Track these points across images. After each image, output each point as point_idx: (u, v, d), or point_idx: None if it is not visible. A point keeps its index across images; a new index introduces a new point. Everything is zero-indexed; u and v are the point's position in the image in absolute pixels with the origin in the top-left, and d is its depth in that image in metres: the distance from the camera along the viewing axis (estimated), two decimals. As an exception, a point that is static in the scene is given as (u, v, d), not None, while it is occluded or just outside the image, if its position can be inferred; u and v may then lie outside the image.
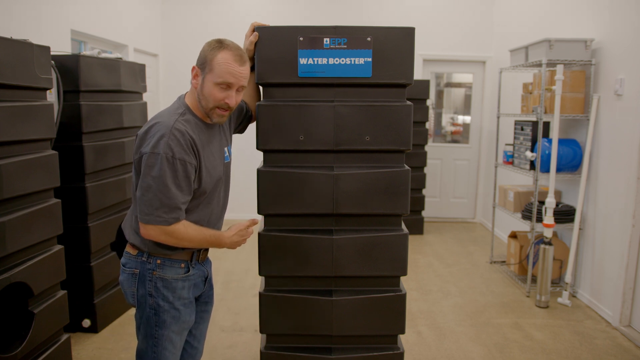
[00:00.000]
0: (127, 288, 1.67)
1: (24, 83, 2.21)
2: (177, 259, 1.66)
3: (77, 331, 3.02)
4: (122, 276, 1.68)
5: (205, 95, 1.58)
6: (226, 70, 1.55)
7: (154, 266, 1.62)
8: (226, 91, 1.58)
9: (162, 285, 1.63)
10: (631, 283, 3.19)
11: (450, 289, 3.89)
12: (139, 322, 1.68)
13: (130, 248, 1.67)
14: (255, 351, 2.81)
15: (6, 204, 2.12)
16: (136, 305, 1.67)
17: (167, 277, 1.63)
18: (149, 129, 1.55)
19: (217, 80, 1.56)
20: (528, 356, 2.85)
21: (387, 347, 2.04)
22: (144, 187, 1.51)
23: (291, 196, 1.91)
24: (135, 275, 1.64)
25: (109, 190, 3.11)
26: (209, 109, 1.60)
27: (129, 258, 1.67)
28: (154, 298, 1.63)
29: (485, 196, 5.99)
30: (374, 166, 1.92)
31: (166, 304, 1.64)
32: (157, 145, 1.50)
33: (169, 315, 1.64)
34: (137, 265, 1.64)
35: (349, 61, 1.83)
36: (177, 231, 1.54)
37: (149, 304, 1.64)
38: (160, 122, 1.55)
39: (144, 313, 1.65)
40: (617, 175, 3.31)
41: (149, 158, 1.50)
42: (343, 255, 1.93)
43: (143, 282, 1.63)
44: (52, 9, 3.63)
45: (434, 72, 6.13)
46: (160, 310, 1.63)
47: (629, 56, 3.21)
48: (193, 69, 1.62)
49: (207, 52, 1.58)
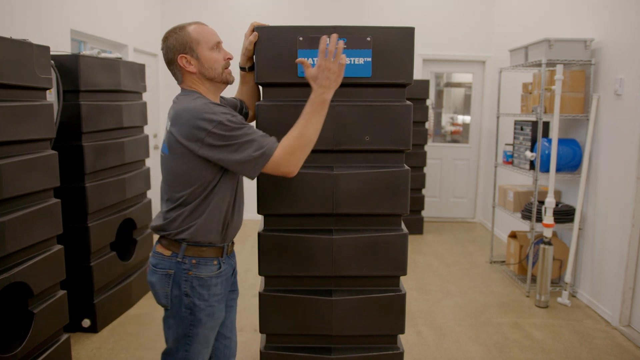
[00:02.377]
0: (159, 289, 1.65)
1: (23, 83, 2.21)
2: (210, 257, 1.65)
3: (77, 331, 3.02)
4: (153, 277, 1.66)
5: (210, 65, 1.62)
6: (208, 33, 1.63)
7: (189, 266, 1.62)
8: (220, 50, 1.66)
9: (198, 284, 1.62)
10: (631, 283, 3.19)
11: (450, 289, 3.89)
12: (170, 322, 1.67)
13: (162, 249, 1.65)
14: (255, 351, 2.81)
15: (6, 203, 2.12)
16: (169, 306, 1.65)
17: (203, 275, 1.63)
18: (188, 128, 1.52)
19: (209, 45, 1.62)
20: (528, 356, 2.85)
21: (386, 347, 2.04)
22: (232, 154, 1.50)
23: (291, 196, 1.91)
24: (170, 275, 1.62)
25: (108, 190, 3.11)
26: (220, 74, 1.64)
27: (161, 259, 1.64)
28: (190, 298, 1.62)
29: (485, 196, 5.99)
30: (374, 166, 1.92)
31: (202, 302, 1.63)
32: (210, 122, 1.49)
33: (205, 313, 1.65)
34: (171, 265, 1.62)
35: (348, 61, 1.83)
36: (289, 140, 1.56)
37: (185, 304, 1.63)
38: (191, 112, 1.53)
39: (178, 313, 1.64)
40: (617, 175, 3.31)
41: (211, 137, 1.49)
42: (343, 255, 1.93)
43: (178, 283, 1.62)
44: (52, 9, 3.63)
45: (433, 72, 6.13)
46: (196, 310, 1.63)
47: (629, 56, 3.21)
48: (181, 59, 1.62)
49: (180, 38, 1.61)
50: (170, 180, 1.61)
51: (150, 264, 1.68)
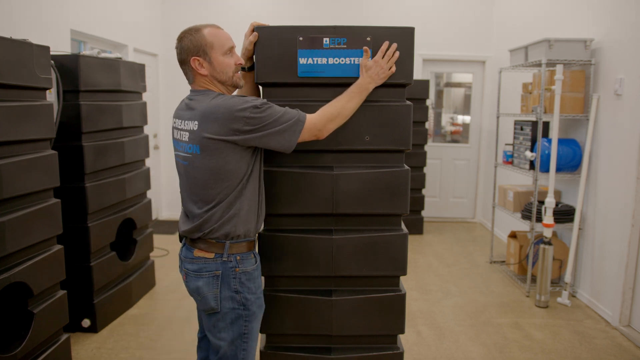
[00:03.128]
0: (207, 292, 1.64)
1: (23, 83, 2.21)
2: (248, 251, 1.70)
3: (77, 331, 3.02)
4: (199, 282, 1.65)
5: (222, 69, 1.65)
6: (223, 37, 1.65)
7: (235, 263, 1.65)
8: (232, 55, 1.68)
9: (245, 279, 1.67)
10: (631, 283, 3.19)
11: (450, 289, 3.89)
12: (222, 324, 1.66)
13: (204, 252, 1.65)
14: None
15: (6, 203, 2.11)
16: (219, 308, 1.65)
17: (249, 269, 1.68)
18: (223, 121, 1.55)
19: (223, 49, 1.64)
20: (528, 356, 2.85)
21: (386, 347, 2.03)
22: (269, 129, 1.58)
23: (291, 196, 1.91)
24: (218, 277, 1.64)
25: (108, 190, 3.11)
26: (230, 78, 1.68)
27: (204, 262, 1.64)
28: (241, 294, 1.66)
29: (485, 196, 5.99)
30: (374, 166, 1.92)
31: (252, 295, 1.68)
32: (243, 110, 1.54)
33: (256, 305, 1.70)
34: (217, 267, 1.64)
35: (348, 61, 1.83)
36: (332, 105, 1.70)
37: (237, 301, 1.66)
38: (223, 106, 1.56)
39: (231, 313, 1.65)
40: (617, 175, 3.31)
41: (248, 120, 1.55)
42: (343, 255, 1.93)
43: (227, 282, 1.64)
44: (52, 9, 3.63)
45: (433, 72, 6.13)
46: (249, 304, 1.67)
47: (629, 56, 3.21)
48: (194, 61, 1.63)
49: (194, 40, 1.62)
50: (203, 179, 1.61)
51: (191, 270, 1.67)
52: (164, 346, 2.91)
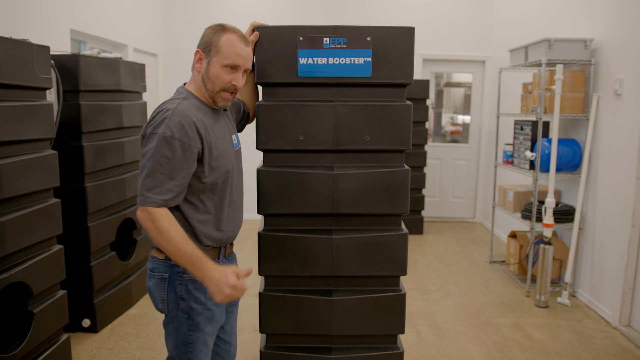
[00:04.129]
0: (156, 293, 1.61)
1: (23, 83, 2.21)
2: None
3: (77, 331, 3.02)
4: (150, 281, 1.62)
5: (211, 77, 1.56)
6: (235, 51, 1.54)
7: (183, 268, 1.56)
8: (233, 73, 1.57)
9: (193, 287, 1.58)
10: (630, 283, 3.19)
11: (449, 289, 3.89)
12: (169, 328, 1.63)
13: (157, 252, 1.62)
14: (255, 351, 2.81)
15: (6, 203, 2.11)
16: (166, 312, 1.62)
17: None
18: (152, 117, 1.52)
19: (224, 62, 1.54)
20: (527, 356, 2.85)
21: (386, 347, 2.04)
22: (140, 168, 1.49)
23: (291, 196, 1.91)
24: (165, 279, 1.59)
25: (108, 190, 3.11)
26: (215, 92, 1.57)
27: (157, 262, 1.61)
28: (186, 301, 1.58)
29: (485, 196, 5.99)
30: (374, 166, 1.92)
31: (199, 305, 1.59)
32: (157, 127, 1.47)
33: (203, 317, 1.60)
34: (166, 269, 1.59)
35: (348, 61, 1.83)
36: (160, 219, 1.45)
37: (181, 308, 1.59)
38: (163, 108, 1.52)
39: (176, 318, 1.60)
40: (617, 175, 3.31)
41: (147, 139, 1.48)
42: (343, 255, 1.93)
43: (173, 286, 1.58)
44: (52, 9, 3.63)
45: (433, 72, 6.13)
46: (193, 314, 1.59)
47: (629, 56, 3.21)
48: (197, 53, 1.59)
49: (211, 35, 1.56)
50: None
51: (148, 269, 1.65)
52: (164, 346, 2.90)
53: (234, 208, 1.69)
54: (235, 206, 1.70)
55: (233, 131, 1.75)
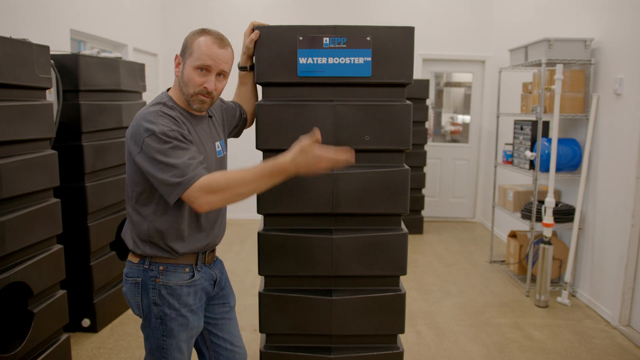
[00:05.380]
0: (131, 299, 1.60)
1: (23, 82, 2.21)
2: (182, 264, 1.59)
3: (77, 331, 3.02)
4: (125, 287, 1.61)
5: (185, 80, 1.54)
6: (205, 52, 1.51)
7: (156, 273, 1.56)
8: (205, 76, 1.53)
9: (166, 293, 1.56)
10: (630, 282, 3.19)
11: (449, 289, 3.89)
12: (145, 333, 1.62)
13: (132, 256, 1.60)
14: (255, 350, 2.81)
15: (6, 203, 2.11)
16: (142, 317, 1.61)
17: (171, 283, 1.57)
18: (133, 129, 1.48)
19: (195, 63, 1.51)
20: (527, 356, 2.85)
21: (386, 347, 2.04)
22: (155, 171, 1.42)
23: (291, 196, 1.91)
24: (138, 284, 1.57)
25: (108, 189, 3.11)
26: (189, 95, 1.54)
27: (131, 267, 1.60)
28: (159, 307, 1.57)
29: (485, 196, 5.99)
30: (374, 166, 1.92)
31: (172, 311, 1.57)
32: (146, 131, 1.43)
33: (177, 323, 1.58)
34: (139, 273, 1.57)
35: (348, 61, 1.83)
36: (217, 180, 1.40)
37: (155, 314, 1.57)
38: (141, 114, 1.49)
39: (150, 324, 1.59)
40: (617, 174, 3.31)
41: (145, 146, 1.43)
42: (343, 255, 1.93)
43: (146, 291, 1.57)
44: (51, 9, 3.63)
45: (433, 72, 6.13)
46: (167, 319, 1.57)
47: (629, 56, 3.21)
48: (176, 57, 1.58)
49: (188, 39, 1.56)
50: (128, 180, 1.58)
51: (124, 273, 1.63)
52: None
53: (213, 215, 1.66)
54: (215, 213, 1.67)
55: (217, 138, 1.72)
